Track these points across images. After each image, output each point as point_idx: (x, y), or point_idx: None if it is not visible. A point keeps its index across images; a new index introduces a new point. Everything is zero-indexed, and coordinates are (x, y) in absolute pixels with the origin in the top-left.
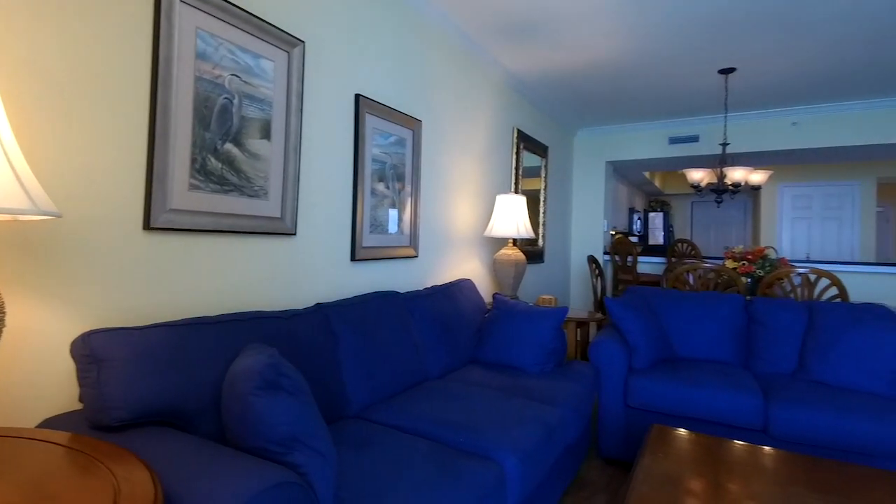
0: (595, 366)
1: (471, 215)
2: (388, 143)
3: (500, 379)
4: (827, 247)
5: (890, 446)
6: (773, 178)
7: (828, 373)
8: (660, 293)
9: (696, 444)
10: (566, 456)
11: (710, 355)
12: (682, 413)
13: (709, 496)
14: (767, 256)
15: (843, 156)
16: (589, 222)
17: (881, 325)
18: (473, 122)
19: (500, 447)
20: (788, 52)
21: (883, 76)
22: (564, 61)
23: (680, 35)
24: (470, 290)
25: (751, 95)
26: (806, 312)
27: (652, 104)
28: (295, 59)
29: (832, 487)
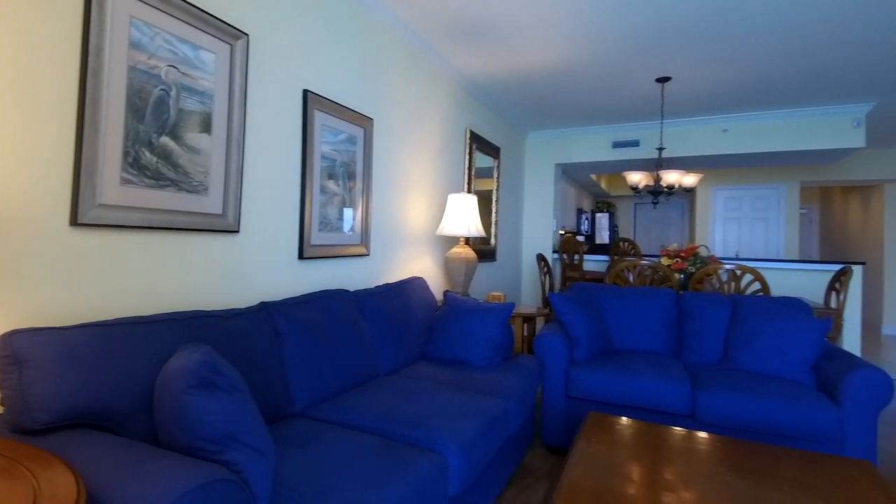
0: (539, 358)
1: (424, 214)
2: (338, 141)
3: (448, 374)
4: (755, 245)
5: (803, 428)
6: (706, 182)
7: (749, 361)
8: (601, 288)
9: (628, 429)
10: (510, 445)
11: (645, 347)
12: (618, 401)
13: (636, 476)
14: (699, 254)
15: (769, 161)
16: (539, 222)
17: (797, 317)
18: (426, 122)
19: (443, 439)
20: (718, 62)
21: (802, 87)
22: (514, 65)
23: (620, 44)
24: (421, 288)
25: (685, 103)
26: (730, 306)
27: (597, 109)
28: (238, 52)
29: (749, 466)
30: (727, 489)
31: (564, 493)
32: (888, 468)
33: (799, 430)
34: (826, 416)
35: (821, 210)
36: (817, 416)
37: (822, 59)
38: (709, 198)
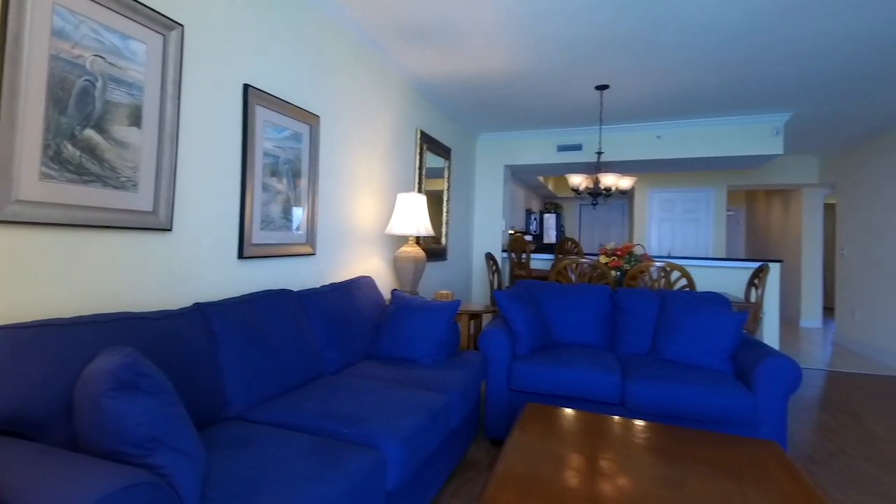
0: (483, 353)
1: (373, 213)
2: (281, 137)
3: (393, 371)
4: (687, 244)
5: (721, 412)
6: (644, 184)
7: (675, 352)
8: (543, 285)
9: (561, 418)
10: (453, 439)
11: (583, 340)
12: (557, 392)
13: (565, 462)
14: (633, 252)
15: (699, 165)
16: (489, 222)
17: (717, 310)
18: (376, 121)
19: (383, 435)
20: (652, 73)
21: (727, 98)
22: (463, 68)
23: (562, 52)
24: (369, 287)
25: (622, 110)
26: (658, 300)
27: (543, 114)
28: (172, 43)
29: (668, 449)
30: (647, 470)
31: (496, 481)
32: (797, 448)
33: (718, 414)
34: (741, 401)
35: (747, 212)
36: (734, 402)
37: (743, 72)
38: (646, 200)
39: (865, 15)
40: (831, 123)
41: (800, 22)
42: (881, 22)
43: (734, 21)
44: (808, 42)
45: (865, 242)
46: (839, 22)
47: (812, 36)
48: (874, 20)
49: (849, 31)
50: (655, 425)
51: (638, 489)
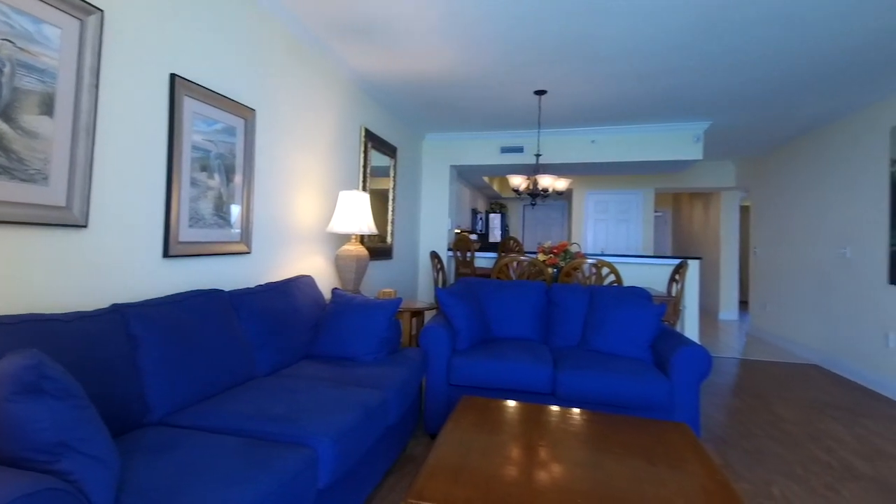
0: (424, 350)
1: (314, 211)
2: (213, 131)
3: (332, 370)
4: (619, 243)
5: (641, 398)
6: (581, 186)
7: (601, 343)
8: (484, 282)
9: (495, 409)
10: (391, 435)
11: (520, 334)
12: (494, 385)
13: (496, 449)
14: (568, 251)
15: (629, 169)
16: (436, 221)
17: (638, 304)
18: (317, 118)
19: (315, 433)
20: (586, 80)
21: (653, 106)
22: (407, 67)
23: (503, 56)
24: (308, 287)
25: (559, 115)
26: (588, 295)
27: (486, 116)
28: (90, 29)
29: (589, 433)
30: (569, 454)
31: (426, 472)
32: (711, 430)
33: (638, 400)
34: (659, 387)
35: (673, 213)
36: (652, 388)
37: (667, 82)
38: (583, 201)
39: (773, 34)
40: (745, 132)
41: (716, 39)
42: (788, 40)
43: (658, 36)
44: (724, 57)
45: (775, 242)
46: (751, 39)
47: (727, 52)
48: (781, 39)
49: (759, 48)
50: (580, 412)
51: (560, 472)
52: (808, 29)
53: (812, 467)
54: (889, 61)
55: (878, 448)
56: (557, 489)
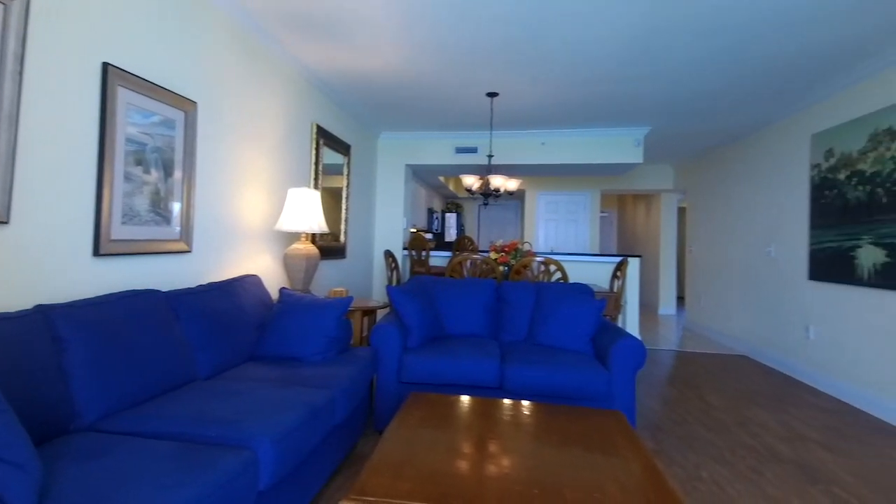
0: (375, 348)
1: (263, 209)
2: (149, 123)
3: (278, 371)
4: (568, 242)
5: (582, 389)
6: (533, 187)
7: (546, 337)
8: (436, 280)
9: (442, 403)
10: (339, 434)
11: (471, 331)
12: (444, 381)
13: (440, 442)
14: (519, 249)
15: (577, 171)
16: (391, 220)
17: (581, 299)
18: (266, 113)
19: (255, 434)
20: (535, 84)
21: (597, 110)
22: (360, 65)
23: (455, 57)
24: (254, 286)
25: (511, 117)
26: (535, 292)
27: (441, 116)
28: (14, 14)
29: (530, 423)
30: (510, 443)
31: (370, 468)
32: (648, 418)
33: (580, 390)
34: (598, 378)
35: (618, 213)
36: (592, 379)
37: (610, 88)
38: (535, 201)
39: (707, 46)
40: (682, 137)
41: (653, 49)
42: (721, 52)
43: (600, 44)
44: (661, 66)
45: (708, 241)
46: (686, 51)
47: (664, 61)
48: (715, 51)
49: (694, 59)
50: (523, 404)
51: (501, 461)
52: (739, 43)
53: (739, 451)
54: (807, 77)
55: (799, 433)
56: (497, 478)
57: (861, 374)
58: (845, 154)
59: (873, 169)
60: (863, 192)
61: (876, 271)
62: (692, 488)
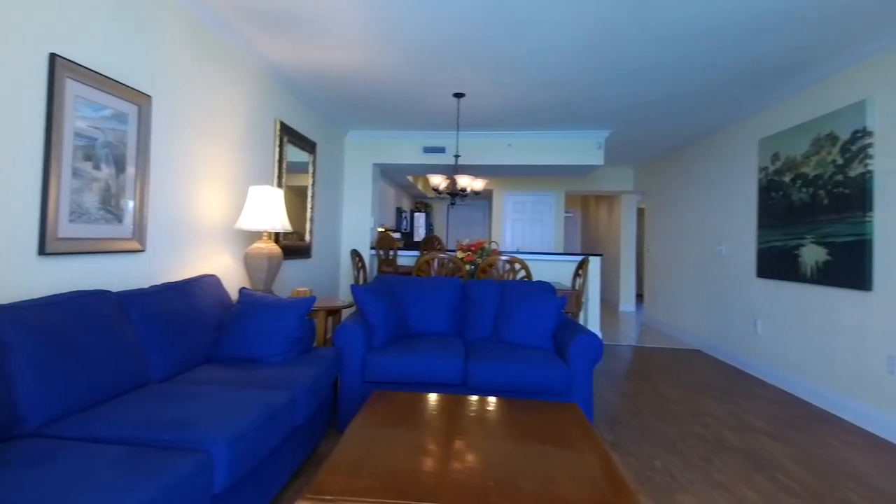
0: (338, 348)
1: (222, 207)
2: (100, 117)
3: (236, 373)
4: (534, 241)
5: (543, 383)
6: (501, 187)
7: (510, 334)
8: (402, 280)
9: (404, 401)
10: (299, 435)
11: (436, 329)
12: (408, 380)
13: (401, 440)
14: (485, 248)
15: (542, 172)
16: (358, 219)
17: (543, 297)
18: (226, 108)
19: (210, 437)
20: (501, 86)
21: (561, 113)
22: (326, 62)
23: (422, 57)
24: (213, 286)
25: (477, 118)
26: (499, 290)
27: (409, 116)
28: None
29: (491, 417)
30: (470, 439)
31: (329, 467)
32: (605, 411)
33: (541, 385)
34: (558, 372)
35: (582, 214)
36: (552, 374)
37: (572, 92)
38: (502, 201)
39: (662, 53)
40: (640, 141)
41: (611, 55)
42: (676, 59)
43: (562, 48)
44: (619, 72)
45: (665, 240)
46: (642, 57)
47: (622, 67)
48: (670, 58)
49: (650, 66)
50: (483, 399)
51: (459, 456)
52: (693, 51)
53: (690, 441)
54: (756, 84)
55: (747, 423)
56: (455, 472)
57: (805, 366)
58: (790, 158)
59: (815, 172)
60: (806, 194)
61: (818, 269)
62: (646, 478)
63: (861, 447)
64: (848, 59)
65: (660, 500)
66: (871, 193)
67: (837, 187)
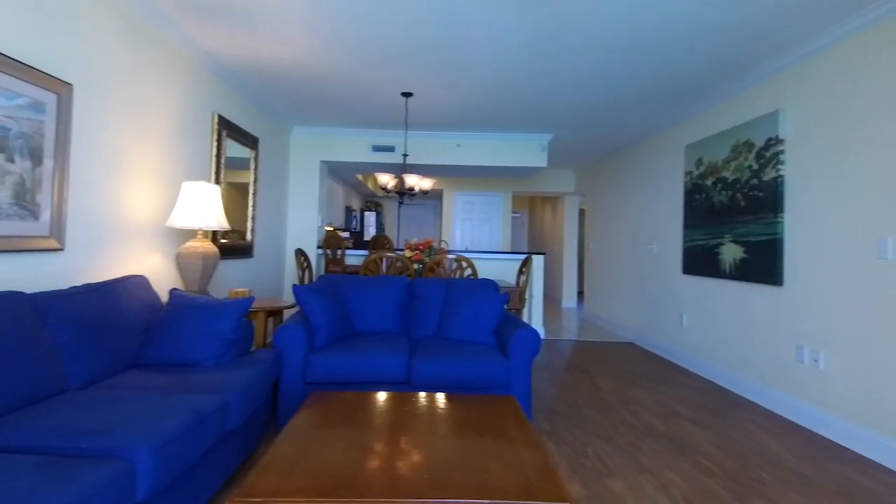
0: (279, 349)
1: (153, 204)
2: (13, 106)
3: (164, 378)
4: (483, 241)
5: (485, 378)
6: (451, 188)
7: (455, 331)
8: (347, 279)
9: (344, 400)
10: (234, 439)
11: (382, 328)
12: (351, 379)
13: (337, 438)
14: (433, 247)
15: (490, 173)
16: (304, 218)
17: (487, 294)
18: (159, 100)
19: (131, 443)
20: (446, 86)
21: (507, 116)
22: (269, 54)
23: (368, 55)
24: (140, 287)
25: (426, 118)
26: (445, 288)
27: (358, 113)
28: None
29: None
30: (407, 434)
31: (260, 468)
32: (544, 402)
33: (483, 379)
34: (499, 367)
35: (529, 214)
36: (494, 368)
37: (515, 95)
38: (452, 201)
39: (594, 60)
40: (580, 144)
41: (547, 61)
42: (609, 66)
43: (504, 52)
44: (558, 77)
45: (603, 239)
46: (577, 63)
47: (559, 73)
48: (603, 65)
49: (585, 73)
50: (424, 395)
51: (395, 453)
52: (624, 61)
53: (620, 429)
54: (683, 94)
55: (673, 410)
56: (391, 468)
57: (725, 356)
58: (712, 163)
59: (734, 176)
60: (725, 197)
61: (735, 266)
62: (579, 465)
63: (773, 430)
64: (762, 73)
65: (590, 485)
66: (782, 196)
67: (753, 190)
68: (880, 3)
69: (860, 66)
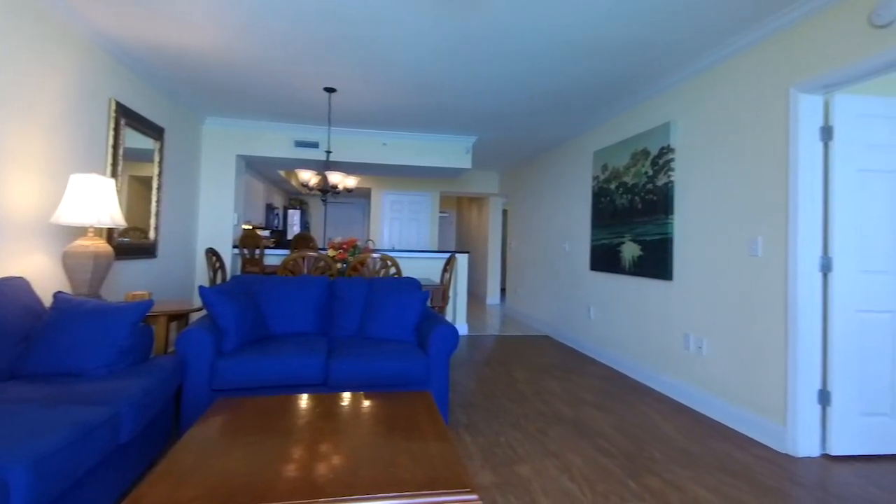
0: (181, 355)
1: (35, 199)
2: None
3: (46, 390)
4: (411, 240)
5: (405, 375)
6: (379, 187)
7: (376, 330)
8: (262, 279)
9: (251, 406)
10: (127, 453)
11: (300, 329)
12: (263, 384)
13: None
14: (357, 246)
15: (417, 173)
16: (218, 215)
17: (409, 292)
18: (42, 83)
19: (4, 460)
20: (369, 83)
21: (432, 117)
22: (176, 39)
23: (290, 47)
24: (17, 291)
25: (350, 115)
26: (367, 286)
27: (278, 106)
28: None
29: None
30: (316, 436)
31: (151, 479)
32: (463, 396)
33: (403, 377)
34: (419, 363)
35: (457, 214)
36: (413, 365)
37: (439, 97)
38: (381, 201)
39: (508, 68)
40: (502, 148)
41: (465, 66)
42: (523, 74)
43: (426, 53)
44: (476, 83)
45: (523, 238)
46: (492, 70)
47: (477, 79)
48: (517, 72)
49: (500, 79)
50: (338, 395)
51: (302, 453)
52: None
53: (532, 417)
54: (589, 104)
55: (579, 397)
56: (295, 469)
57: (625, 345)
58: (615, 168)
59: (633, 181)
60: (626, 199)
61: (634, 263)
62: (491, 453)
63: (666, 412)
64: (660, 87)
65: (500, 472)
66: (672, 199)
67: (649, 194)
68: (755, 28)
69: (734, 84)
